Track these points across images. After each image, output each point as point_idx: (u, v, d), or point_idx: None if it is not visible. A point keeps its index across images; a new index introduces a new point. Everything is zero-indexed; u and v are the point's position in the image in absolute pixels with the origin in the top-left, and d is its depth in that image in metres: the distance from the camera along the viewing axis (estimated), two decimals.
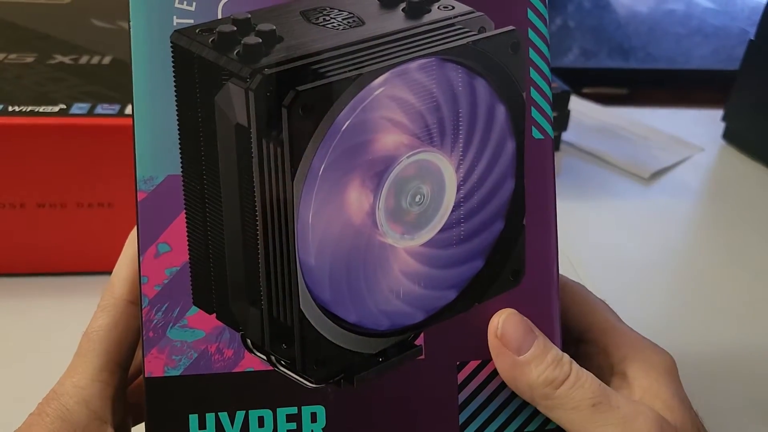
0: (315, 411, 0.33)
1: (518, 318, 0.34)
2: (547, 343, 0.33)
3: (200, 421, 0.32)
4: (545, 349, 0.33)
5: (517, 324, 0.34)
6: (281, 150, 0.30)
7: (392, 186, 0.32)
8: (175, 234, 0.32)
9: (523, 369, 0.33)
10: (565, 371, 0.32)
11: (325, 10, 0.34)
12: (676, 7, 1.37)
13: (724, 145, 0.98)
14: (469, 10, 0.34)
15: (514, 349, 0.33)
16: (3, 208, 0.58)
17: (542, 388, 0.32)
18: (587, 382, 0.32)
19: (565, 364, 0.33)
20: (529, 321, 0.34)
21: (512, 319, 0.34)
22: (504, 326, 0.33)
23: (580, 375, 0.32)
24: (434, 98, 0.33)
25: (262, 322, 0.32)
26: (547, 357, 0.33)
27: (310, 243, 0.31)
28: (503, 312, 0.34)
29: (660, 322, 0.62)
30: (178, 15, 0.32)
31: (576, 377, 0.32)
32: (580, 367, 0.33)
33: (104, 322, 0.35)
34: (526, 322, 0.34)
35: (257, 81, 0.30)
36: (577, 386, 0.32)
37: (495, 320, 0.34)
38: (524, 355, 0.33)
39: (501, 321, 0.34)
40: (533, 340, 0.33)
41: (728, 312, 0.67)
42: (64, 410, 0.33)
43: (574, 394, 0.32)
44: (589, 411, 0.32)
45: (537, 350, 0.33)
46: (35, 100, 0.58)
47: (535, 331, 0.34)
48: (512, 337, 0.33)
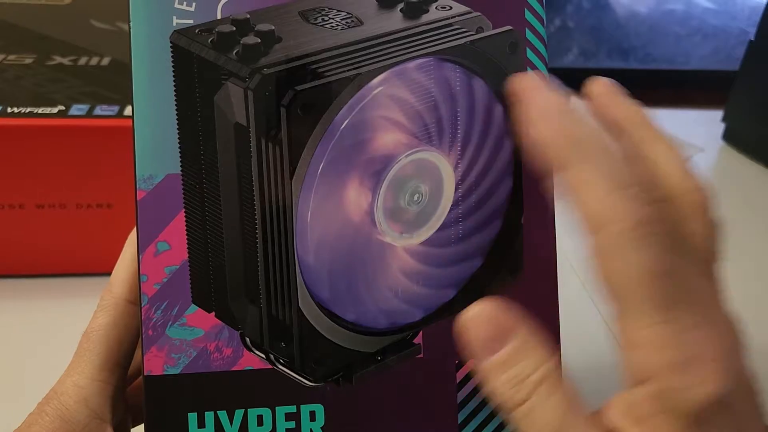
0: (314, 409, 0.33)
1: (484, 319, 0.29)
2: (517, 351, 0.28)
3: (199, 419, 0.32)
4: (508, 360, 0.28)
5: (480, 325, 0.29)
6: (280, 149, 0.30)
7: (391, 185, 0.32)
8: (174, 233, 0.32)
9: (485, 376, 0.29)
10: (520, 396, 0.28)
11: (324, 11, 0.34)
12: (676, 7, 1.37)
13: (724, 146, 0.98)
14: (467, 10, 0.34)
15: (478, 352, 0.29)
16: (3, 208, 0.58)
17: (498, 403, 0.29)
18: (540, 418, 0.27)
19: (526, 386, 0.28)
20: (505, 318, 0.29)
21: (475, 321, 0.29)
22: (467, 327, 0.29)
23: (535, 407, 0.27)
24: (432, 98, 0.33)
25: (261, 320, 0.32)
26: (506, 372, 0.28)
27: (309, 242, 0.32)
28: (471, 309, 0.29)
29: None
30: (178, 15, 0.32)
31: (529, 408, 0.27)
32: (546, 393, 0.28)
33: (104, 321, 0.35)
34: (495, 323, 0.29)
35: (256, 80, 0.30)
36: (528, 420, 0.28)
37: (465, 313, 0.29)
38: (485, 363, 0.29)
39: (464, 320, 0.29)
40: (498, 347, 0.29)
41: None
42: (63, 409, 0.33)
43: (523, 425, 0.28)
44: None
45: (496, 361, 0.29)
46: (34, 101, 0.58)
47: (504, 336, 0.29)
48: (474, 339, 0.29)
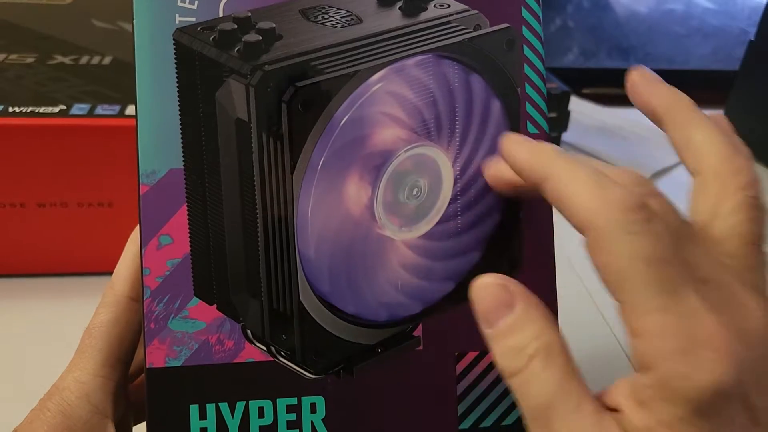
0: (315, 401, 0.33)
1: (490, 290, 0.30)
2: (516, 323, 0.29)
3: (201, 411, 0.33)
4: (507, 331, 0.29)
5: (485, 297, 0.30)
6: (281, 144, 0.31)
7: (390, 179, 0.32)
8: (176, 226, 0.32)
9: (489, 342, 0.29)
10: (516, 365, 0.28)
11: (324, 9, 0.34)
12: (676, 7, 1.38)
13: None
14: (465, 8, 0.35)
15: (482, 320, 0.30)
16: (3, 208, 0.58)
17: (500, 370, 0.29)
18: (533, 388, 0.28)
19: (523, 355, 0.28)
20: (509, 291, 0.29)
21: (482, 292, 0.30)
22: (475, 294, 0.30)
23: (530, 377, 0.28)
24: (431, 94, 0.33)
25: (262, 313, 0.33)
26: (505, 341, 0.29)
27: (310, 235, 0.32)
28: (478, 280, 0.30)
29: None
30: (181, 13, 0.33)
31: (525, 378, 0.28)
32: (541, 364, 0.28)
33: (106, 318, 0.35)
34: (499, 295, 0.29)
35: (257, 77, 0.31)
36: (522, 389, 0.28)
37: (473, 283, 0.30)
38: (488, 330, 0.29)
39: (473, 287, 0.30)
40: (500, 317, 0.29)
41: None
42: (65, 405, 0.33)
43: (518, 394, 0.28)
44: (528, 421, 0.28)
45: (498, 330, 0.29)
46: (35, 100, 0.58)
47: (505, 308, 0.29)
48: (480, 307, 0.30)
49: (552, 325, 0.29)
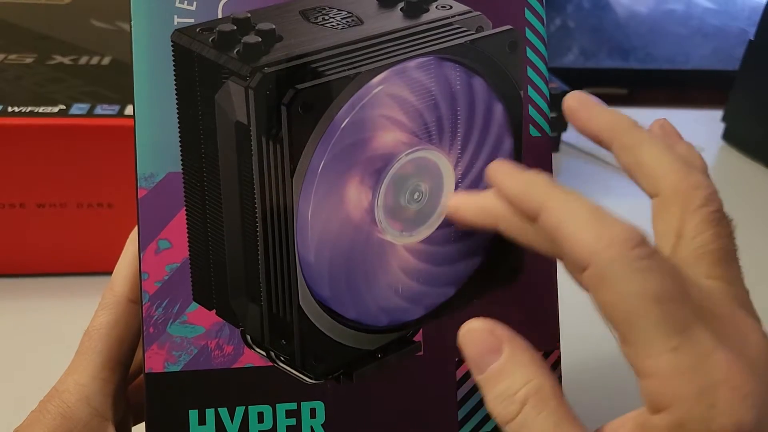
0: (314, 407, 0.33)
1: (476, 335, 0.29)
2: (504, 368, 0.28)
3: (200, 416, 0.33)
4: (497, 377, 0.28)
5: (472, 342, 0.29)
6: (280, 147, 0.30)
7: (391, 183, 0.32)
8: (175, 230, 0.32)
9: (481, 389, 0.29)
10: (508, 412, 0.28)
11: (324, 10, 0.34)
12: (676, 7, 1.38)
13: (724, 146, 0.98)
14: (467, 9, 0.35)
15: (472, 367, 0.29)
16: (3, 208, 0.58)
17: (494, 417, 0.29)
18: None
19: (514, 402, 0.28)
20: (495, 336, 0.29)
21: (469, 337, 0.30)
22: (462, 340, 0.30)
23: (525, 423, 0.27)
24: (432, 96, 0.33)
25: (262, 318, 0.32)
26: (495, 388, 0.28)
27: (310, 240, 0.32)
28: (464, 326, 0.30)
29: None
30: (179, 14, 0.32)
31: (519, 424, 0.27)
32: (534, 409, 0.27)
33: (105, 320, 0.35)
34: (485, 340, 0.29)
35: (257, 79, 0.30)
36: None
37: (460, 329, 0.30)
38: (479, 377, 0.29)
39: (460, 333, 0.30)
40: (488, 362, 0.29)
41: None
42: (65, 407, 0.33)
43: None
44: None
45: (487, 376, 0.29)
46: (35, 100, 0.58)
47: (493, 354, 0.29)
48: (468, 353, 0.30)
49: (541, 368, 0.28)
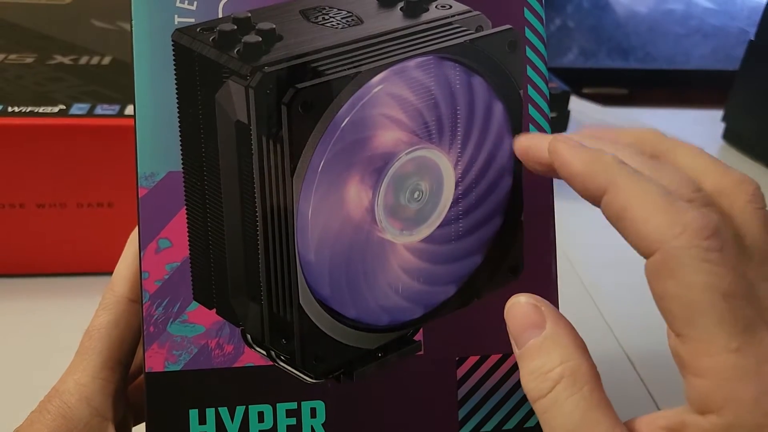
0: (315, 406, 0.33)
1: (521, 310, 0.30)
2: (544, 345, 0.28)
3: (200, 416, 0.33)
4: (534, 352, 0.29)
5: (516, 316, 0.30)
6: (281, 147, 0.30)
7: (391, 182, 0.32)
8: (175, 230, 0.32)
9: (518, 363, 0.29)
10: (540, 389, 0.28)
11: (324, 9, 0.34)
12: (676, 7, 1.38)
13: (724, 146, 0.98)
14: (467, 9, 0.35)
15: (512, 340, 0.30)
16: (3, 208, 0.58)
17: (525, 392, 0.29)
18: (557, 415, 0.27)
19: (547, 379, 0.28)
20: (539, 311, 0.29)
21: (514, 311, 0.30)
22: (507, 313, 0.30)
23: (555, 402, 0.27)
24: (432, 96, 0.33)
25: (262, 317, 0.32)
26: (531, 363, 0.28)
27: (310, 239, 0.32)
28: (512, 299, 0.30)
29: (660, 322, 0.62)
30: (180, 14, 0.32)
31: (550, 403, 0.27)
32: (567, 390, 0.27)
33: (105, 320, 0.35)
34: (529, 315, 0.29)
35: (257, 79, 0.30)
36: (547, 415, 0.27)
37: (507, 302, 0.30)
38: (517, 351, 0.30)
39: (507, 305, 0.30)
40: (529, 337, 0.29)
41: None
42: (65, 407, 0.33)
43: (543, 420, 0.28)
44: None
45: (526, 352, 0.29)
46: (35, 100, 0.58)
47: (535, 329, 0.29)
48: (511, 326, 0.30)
49: (581, 351, 0.28)
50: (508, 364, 0.35)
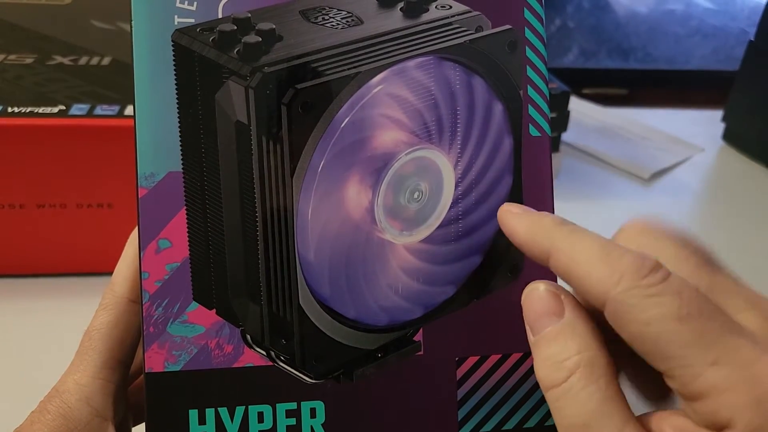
0: (314, 406, 0.33)
1: (539, 296, 0.29)
2: (561, 333, 0.28)
3: (200, 416, 0.33)
4: (550, 340, 0.28)
5: (533, 302, 0.29)
6: (281, 147, 0.30)
7: (391, 182, 0.32)
8: (175, 230, 0.32)
9: (532, 350, 0.29)
10: (554, 378, 0.27)
11: (324, 10, 0.34)
12: (676, 8, 1.38)
13: (724, 146, 0.98)
14: (467, 9, 0.35)
15: (528, 327, 0.29)
16: (3, 208, 0.58)
17: (538, 380, 0.29)
18: (570, 405, 0.27)
19: (563, 368, 0.27)
20: (557, 299, 0.29)
21: (532, 297, 0.29)
22: (524, 299, 0.30)
23: (568, 392, 0.27)
24: (432, 96, 0.33)
25: (262, 317, 0.32)
26: (546, 350, 0.28)
27: (310, 239, 0.32)
28: (530, 285, 0.30)
29: None
30: (180, 14, 0.32)
31: (562, 392, 0.27)
32: (581, 381, 0.27)
33: (105, 320, 0.35)
34: (548, 302, 0.29)
35: (257, 79, 0.30)
36: (559, 404, 0.27)
37: (525, 288, 0.30)
38: (532, 338, 0.29)
39: (524, 291, 0.30)
40: (546, 325, 0.29)
41: None
42: (65, 407, 0.33)
43: (554, 409, 0.27)
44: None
45: (542, 338, 0.28)
46: (35, 100, 0.58)
47: (552, 317, 0.28)
48: (527, 313, 0.29)
49: (598, 343, 0.28)
50: (507, 365, 0.35)
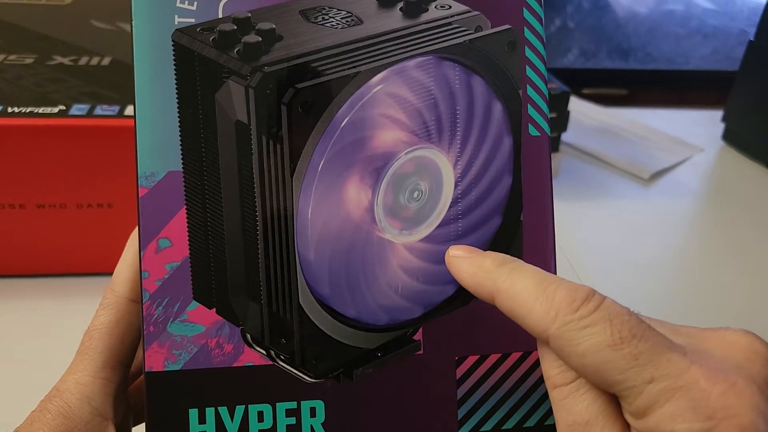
0: (314, 406, 0.33)
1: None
2: None
3: (200, 415, 0.33)
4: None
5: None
6: (281, 146, 0.30)
7: (391, 182, 0.32)
8: (175, 229, 0.32)
9: (542, 346, 0.29)
10: (568, 375, 0.28)
11: (324, 10, 0.34)
12: (676, 8, 1.38)
13: (724, 146, 0.98)
14: (466, 9, 0.35)
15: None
16: (3, 208, 0.58)
17: (545, 377, 0.29)
18: (577, 405, 0.28)
19: (570, 370, 0.28)
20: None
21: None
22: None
23: (573, 394, 0.28)
24: (432, 96, 0.33)
25: (262, 316, 0.33)
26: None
27: (310, 238, 0.32)
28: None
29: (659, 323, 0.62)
30: (180, 14, 0.33)
31: (573, 390, 0.28)
32: (588, 384, 0.28)
33: (106, 319, 0.35)
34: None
35: (257, 79, 0.30)
36: (564, 403, 0.28)
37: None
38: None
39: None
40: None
41: (728, 312, 0.67)
42: (65, 407, 0.33)
43: (558, 407, 0.29)
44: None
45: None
46: (35, 101, 0.58)
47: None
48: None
49: None
50: (507, 364, 0.35)
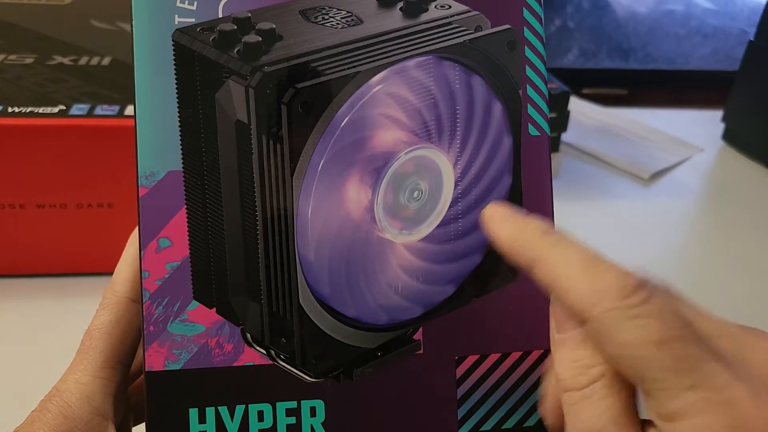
0: (314, 405, 0.33)
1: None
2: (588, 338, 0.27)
3: (200, 415, 0.33)
4: (579, 344, 0.28)
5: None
6: (281, 146, 0.30)
7: (390, 182, 0.32)
8: (176, 229, 0.32)
9: (553, 346, 0.29)
10: (580, 380, 0.27)
11: (324, 9, 0.34)
12: (676, 8, 1.38)
13: (724, 146, 0.98)
14: (466, 9, 0.35)
15: (555, 322, 0.29)
16: (3, 208, 0.58)
17: (557, 379, 0.29)
18: (587, 412, 0.27)
19: (587, 374, 0.27)
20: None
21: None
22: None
23: (586, 399, 0.27)
24: (432, 95, 0.33)
25: (262, 316, 0.33)
26: (573, 352, 0.28)
27: (310, 238, 0.32)
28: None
29: None
30: (180, 14, 0.33)
31: (584, 396, 0.27)
32: (602, 390, 0.27)
33: (106, 319, 0.35)
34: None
35: (257, 78, 0.30)
36: (575, 408, 0.27)
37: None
38: (557, 336, 0.29)
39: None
40: (573, 326, 0.28)
41: (728, 312, 0.66)
42: (65, 406, 0.33)
43: (569, 412, 0.28)
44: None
45: (570, 339, 0.28)
46: (35, 101, 0.58)
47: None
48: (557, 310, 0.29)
49: None
50: (507, 364, 0.35)
